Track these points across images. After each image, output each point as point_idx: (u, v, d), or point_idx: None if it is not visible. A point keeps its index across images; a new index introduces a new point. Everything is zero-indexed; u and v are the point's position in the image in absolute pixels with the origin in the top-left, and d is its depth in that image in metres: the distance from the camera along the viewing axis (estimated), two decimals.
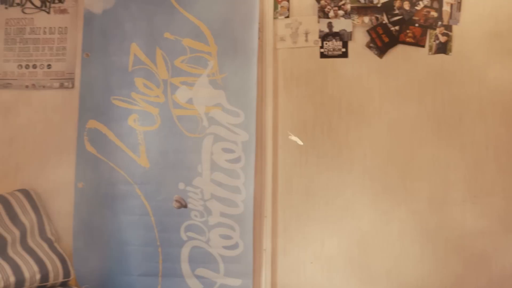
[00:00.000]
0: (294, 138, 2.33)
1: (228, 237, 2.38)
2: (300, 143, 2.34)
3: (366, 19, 2.42)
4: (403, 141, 2.35)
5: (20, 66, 2.66)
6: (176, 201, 2.42)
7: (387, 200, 2.36)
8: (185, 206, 2.42)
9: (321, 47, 2.46)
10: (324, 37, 2.45)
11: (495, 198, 2.30)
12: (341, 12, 2.44)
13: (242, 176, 2.38)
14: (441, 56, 2.35)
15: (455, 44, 2.34)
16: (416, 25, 2.37)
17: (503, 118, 2.30)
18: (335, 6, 2.45)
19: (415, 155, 2.34)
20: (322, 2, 2.46)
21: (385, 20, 2.40)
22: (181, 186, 2.42)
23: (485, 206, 2.30)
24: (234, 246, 2.37)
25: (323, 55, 2.45)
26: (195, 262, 2.40)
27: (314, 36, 2.47)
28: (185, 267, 2.41)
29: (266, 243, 2.43)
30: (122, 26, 2.51)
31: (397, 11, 2.39)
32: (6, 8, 2.69)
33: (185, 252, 2.40)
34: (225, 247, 2.38)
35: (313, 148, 2.43)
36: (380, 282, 2.35)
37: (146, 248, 2.43)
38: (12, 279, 2.21)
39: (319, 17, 2.46)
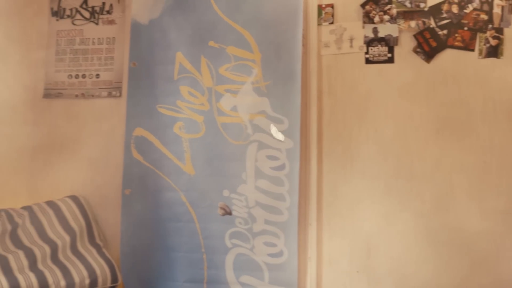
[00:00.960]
0: (274, 130, 2.31)
1: (272, 245, 2.37)
2: (282, 138, 2.31)
3: (413, 23, 2.37)
4: (451, 147, 2.29)
5: (70, 76, 2.74)
6: (221, 208, 2.44)
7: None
8: (230, 213, 2.43)
9: (366, 52, 2.42)
10: (369, 42, 2.42)
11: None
12: (386, 17, 2.40)
13: (286, 184, 2.37)
14: (491, 60, 2.28)
15: (507, 48, 2.26)
16: (465, 28, 2.31)
17: None
18: (380, 11, 2.41)
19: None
20: (367, 7, 2.43)
21: (433, 24, 2.34)
22: (226, 193, 2.43)
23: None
24: (279, 254, 2.36)
25: (368, 61, 2.42)
26: (240, 269, 2.40)
27: (359, 42, 2.44)
28: (229, 274, 2.41)
29: (311, 252, 2.40)
30: (167, 35, 2.56)
31: (445, 15, 2.33)
32: (57, 20, 2.79)
33: (229, 259, 2.41)
34: (270, 255, 2.37)
35: (358, 155, 2.39)
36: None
37: (191, 255, 2.45)
38: (62, 283, 2.27)
39: (364, 22, 2.43)
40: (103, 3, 2.73)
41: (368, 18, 2.43)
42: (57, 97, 2.75)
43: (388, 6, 2.40)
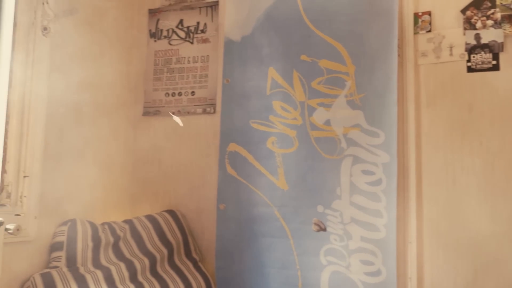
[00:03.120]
0: (176, 118, 2.21)
1: (369, 263, 2.28)
2: (181, 124, 2.20)
3: None
4: None
5: (167, 94, 2.84)
6: (315, 224, 2.39)
7: None
8: (324, 230, 2.37)
9: (468, 60, 2.28)
10: (471, 50, 2.28)
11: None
12: (490, 22, 2.25)
13: (383, 199, 2.27)
14: None
15: None
16: None
17: None
18: (483, 16, 2.27)
19: None
20: (468, 13, 2.30)
21: None
22: (320, 209, 2.39)
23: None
24: (377, 273, 2.26)
25: (470, 69, 2.28)
26: (336, 287, 2.33)
27: (460, 50, 2.30)
28: None
29: (411, 271, 2.28)
30: (259, 51, 2.58)
31: None
32: (155, 41, 2.91)
33: (325, 276, 2.35)
34: (367, 274, 2.28)
35: (461, 168, 2.25)
36: None
37: (285, 271, 2.42)
38: None
39: (465, 29, 2.30)
40: (198, 23, 2.81)
41: (469, 24, 2.29)
42: (155, 115, 2.86)
43: (492, 11, 2.25)
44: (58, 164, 2.36)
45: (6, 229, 1.87)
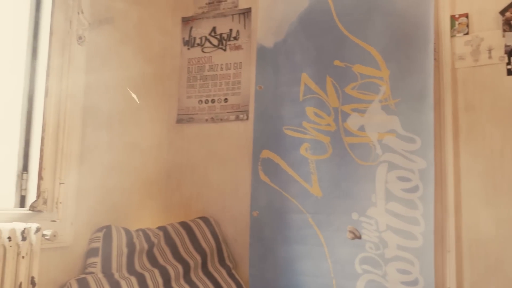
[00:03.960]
0: (134, 96, 2.16)
1: (406, 272, 2.22)
2: (137, 101, 2.15)
3: None
4: None
5: (200, 101, 2.85)
6: (350, 231, 2.35)
7: None
8: (359, 237, 2.33)
9: (508, 63, 2.21)
10: (510, 52, 2.21)
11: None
12: None
13: (420, 207, 2.22)
14: None
15: None
16: None
17: None
18: None
19: None
20: (507, 14, 2.23)
21: None
22: (355, 216, 2.34)
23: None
24: (414, 282, 2.20)
25: (510, 72, 2.21)
26: None
27: (499, 52, 2.23)
28: None
29: (450, 281, 2.21)
30: (292, 57, 2.56)
31: None
32: (188, 49, 2.93)
33: (360, 285, 2.30)
34: (404, 283, 2.22)
35: (502, 175, 2.17)
36: None
37: (320, 279, 2.38)
38: None
39: (504, 30, 2.23)
40: (230, 30, 2.82)
41: (508, 26, 2.22)
42: (189, 122, 2.87)
43: None
44: (94, 171, 2.40)
45: (43, 235, 1.91)
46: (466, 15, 2.33)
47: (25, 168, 2.18)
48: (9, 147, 2.18)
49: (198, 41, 2.91)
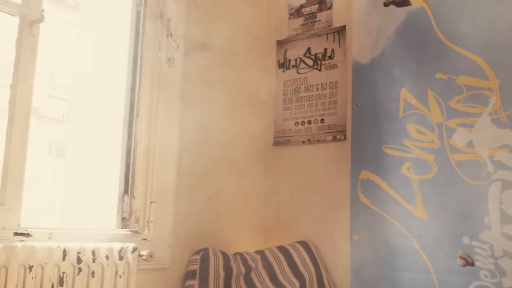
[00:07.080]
0: None
1: None
2: None
3: None
4: None
5: (296, 123, 2.81)
6: (461, 257, 2.15)
7: None
8: (472, 264, 2.12)
9: None
10: None
11: None
12: None
13: None
14: None
15: None
16: None
17: None
18: None
19: None
20: None
21: None
22: (466, 240, 2.14)
23: None
24: None
25: None
26: None
27: None
28: None
29: None
30: (390, 72, 2.45)
31: None
32: (283, 71, 2.92)
33: None
34: None
35: None
36: None
37: None
38: None
39: None
40: (325, 49, 2.77)
41: None
42: (285, 144, 2.84)
43: None
44: (190, 193, 2.43)
45: (140, 255, 1.94)
46: None
47: (126, 191, 2.26)
48: (114, 171, 2.28)
49: (293, 62, 2.89)
